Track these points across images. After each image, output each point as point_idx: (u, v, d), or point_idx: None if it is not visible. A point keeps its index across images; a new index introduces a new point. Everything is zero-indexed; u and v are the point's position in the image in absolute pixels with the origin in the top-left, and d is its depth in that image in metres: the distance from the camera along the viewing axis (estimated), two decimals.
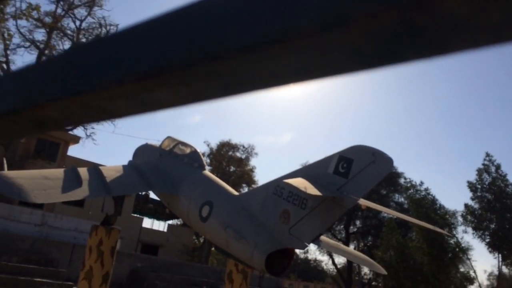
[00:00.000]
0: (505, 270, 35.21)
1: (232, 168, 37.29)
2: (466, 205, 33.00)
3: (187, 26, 0.44)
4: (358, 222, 43.60)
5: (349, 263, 38.86)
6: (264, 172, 67.94)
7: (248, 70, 0.42)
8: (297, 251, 5.94)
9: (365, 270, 42.89)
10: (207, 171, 7.57)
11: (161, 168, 7.63)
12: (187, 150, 8.06)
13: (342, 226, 42.15)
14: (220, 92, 0.47)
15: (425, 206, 31.97)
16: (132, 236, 27.90)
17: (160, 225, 36.46)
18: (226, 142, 38.25)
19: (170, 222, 36.65)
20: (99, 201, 22.40)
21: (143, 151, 8.67)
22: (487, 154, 33.38)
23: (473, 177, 33.81)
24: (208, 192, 6.45)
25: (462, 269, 31.83)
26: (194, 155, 7.95)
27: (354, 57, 0.37)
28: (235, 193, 6.60)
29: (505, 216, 30.77)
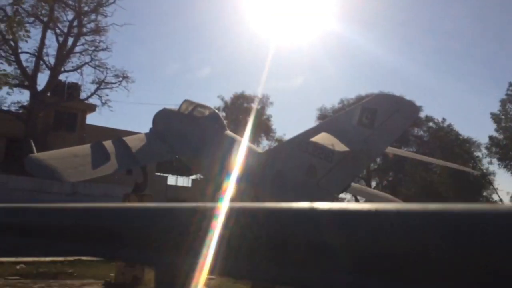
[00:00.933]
0: None
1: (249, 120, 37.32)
2: (491, 137, 32.76)
3: None
4: (379, 159, 43.71)
5: None
6: (281, 119, 67.36)
7: None
8: None
9: None
10: (228, 131, 7.63)
11: (183, 133, 7.71)
12: (206, 112, 8.09)
13: None
14: None
15: (450, 143, 31.87)
16: (159, 194, 28.76)
17: (184, 181, 37.31)
18: (240, 94, 38.06)
19: (193, 177, 37.47)
20: None
21: (163, 117, 8.72)
22: (510, 84, 32.57)
23: (496, 109, 33.26)
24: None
25: (485, 194, 32.32)
26: (214, 116, 7.98)
27: None
28: (259, 151, 6.67)
29: None
